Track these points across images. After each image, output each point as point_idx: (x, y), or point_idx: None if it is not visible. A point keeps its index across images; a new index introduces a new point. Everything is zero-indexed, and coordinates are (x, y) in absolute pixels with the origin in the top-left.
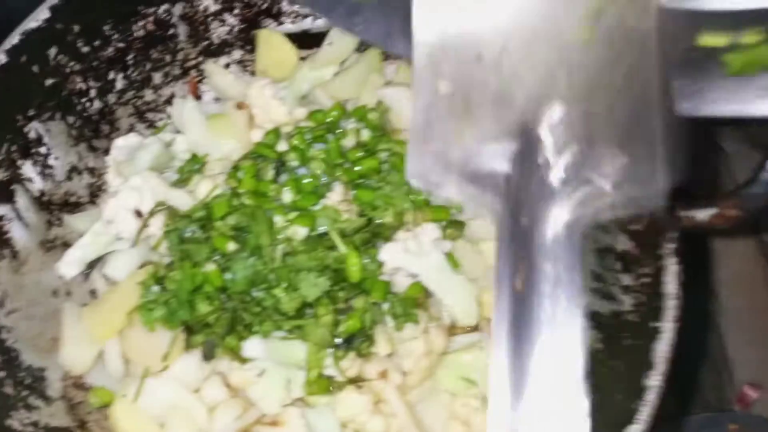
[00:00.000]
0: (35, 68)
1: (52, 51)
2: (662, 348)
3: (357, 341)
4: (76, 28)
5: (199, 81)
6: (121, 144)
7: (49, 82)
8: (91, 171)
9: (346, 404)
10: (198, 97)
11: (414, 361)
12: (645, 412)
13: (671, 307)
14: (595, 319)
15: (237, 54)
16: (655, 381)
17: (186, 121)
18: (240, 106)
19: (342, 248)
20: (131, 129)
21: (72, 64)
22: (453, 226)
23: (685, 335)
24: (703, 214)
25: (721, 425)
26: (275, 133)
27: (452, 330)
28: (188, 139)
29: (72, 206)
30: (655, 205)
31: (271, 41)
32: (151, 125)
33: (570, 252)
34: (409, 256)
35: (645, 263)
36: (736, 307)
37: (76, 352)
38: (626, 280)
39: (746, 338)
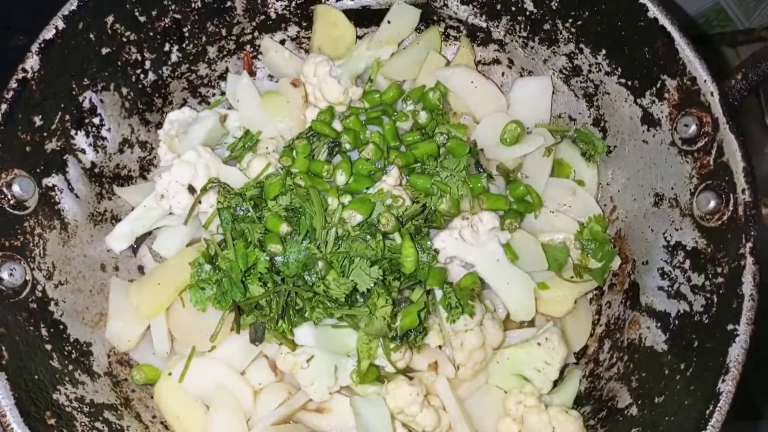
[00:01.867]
0: (92, 36)
1: (110, 19)
2: (736, 352)
3: (412, 333)
4: None
5: (254, 57)
6: (175, 117)
7: (104, 51)
8: (143, 145)
9: (395, 395)
10: (252, 73)
11: (467, 354)
12: (716, 417)
13: (748, 309)
14: (662, 320)
15: (293, 30)
16: (728, 386)
17: (240, 97)
18: (295, 83)
19: (398, 238)
20: (184, 103)
21: (128, 33)
22: (512, 215)
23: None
24: None
25: None
26: (330, 112)
27: (505, 324)
28: (241, 116)
29: (123, 179)
30: None
31: (329, 17)
32: (204, 100)
33: None
34: (465, 245)
35: (719, 262)
36: None
37: (123, 328)
38: (698, 279)
39: None
